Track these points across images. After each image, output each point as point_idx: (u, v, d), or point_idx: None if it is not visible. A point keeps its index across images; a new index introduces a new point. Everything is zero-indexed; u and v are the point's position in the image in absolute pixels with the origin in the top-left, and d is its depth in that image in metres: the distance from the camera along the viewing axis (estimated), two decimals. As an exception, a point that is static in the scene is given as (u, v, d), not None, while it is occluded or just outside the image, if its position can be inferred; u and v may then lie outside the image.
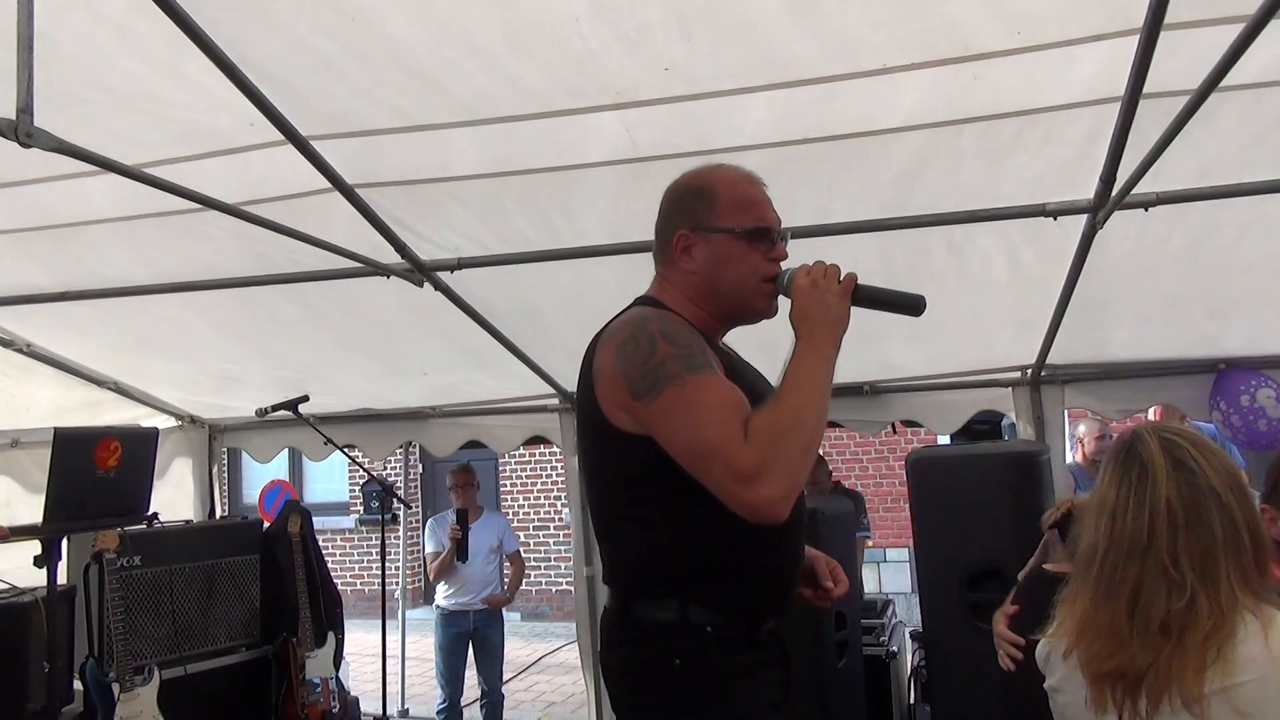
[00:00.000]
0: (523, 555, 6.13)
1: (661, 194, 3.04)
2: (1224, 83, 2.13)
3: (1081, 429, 5.44)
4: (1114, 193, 2.74)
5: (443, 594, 5.63)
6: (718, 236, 1.75)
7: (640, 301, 1.82)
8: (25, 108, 1.83)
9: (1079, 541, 1.68)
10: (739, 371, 1.75)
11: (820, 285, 1.66)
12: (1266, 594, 1.48)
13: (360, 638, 7.29)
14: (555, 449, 5.58)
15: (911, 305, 1.67)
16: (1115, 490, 1.59)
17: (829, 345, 1.62)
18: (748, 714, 1.69)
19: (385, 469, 10.15)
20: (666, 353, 1.59)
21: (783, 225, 1.83)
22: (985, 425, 5.30)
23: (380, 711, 5.07)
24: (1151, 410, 4.95)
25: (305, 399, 4.63)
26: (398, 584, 8.05)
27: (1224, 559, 1.46)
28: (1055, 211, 2.98)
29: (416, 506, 11.39)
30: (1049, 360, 4.35)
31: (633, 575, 1.74)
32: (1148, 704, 1.47)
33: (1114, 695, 1.52)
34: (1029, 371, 4.51)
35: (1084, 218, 3.03)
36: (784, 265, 1.78)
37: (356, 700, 5.05)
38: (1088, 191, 2.85)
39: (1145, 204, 2.84)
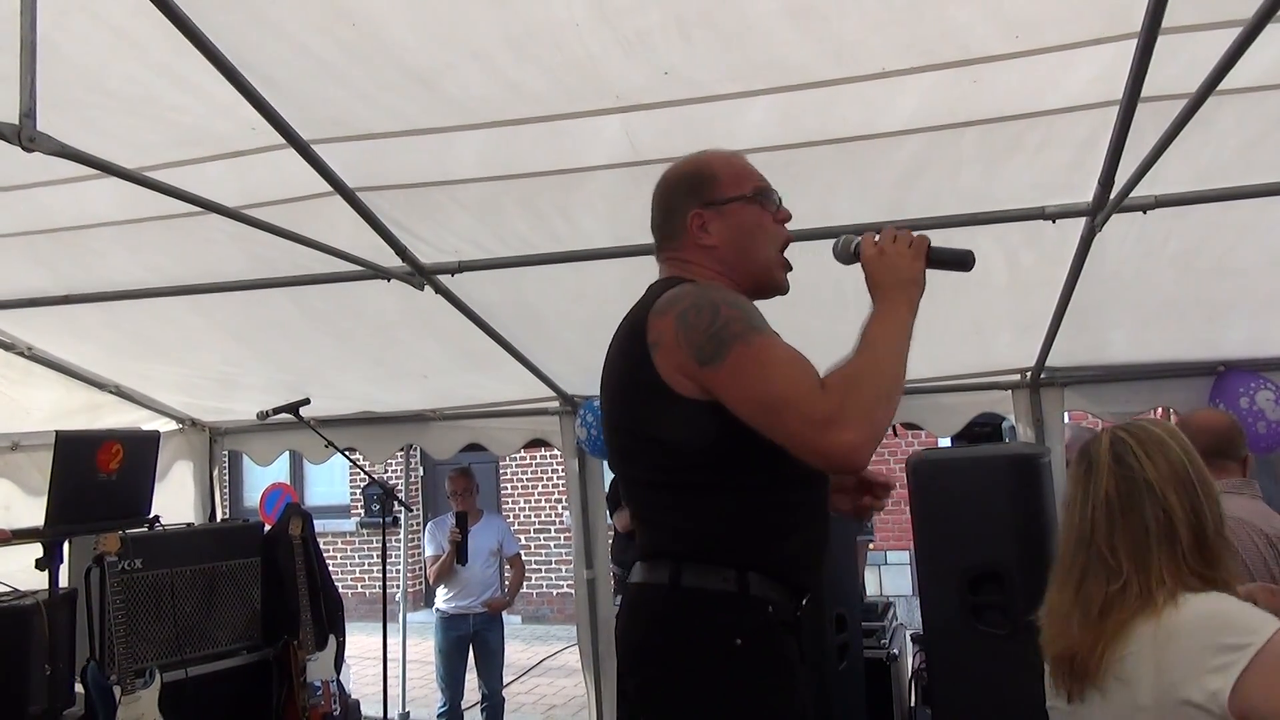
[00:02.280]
0: (523, 558, 6.13)
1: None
2: (1222, 86, 2.13)
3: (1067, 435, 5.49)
4: (1112, 196, 2.75)
5: (443, 597, 5.63)
6: (731, 206, 1.79)
7: (669, 283, 1.77)
8: (28, 112, 1.84)
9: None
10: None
11: (888, 251, 1.69)
12: (1207, 580, 1.55)
13: (361, 640, 7.30)
14: (556, 452, 5.60)
15: (964, 261, 1.71)
16: (1071, 486, 1.72)
17: (904, 307, 1.63)
18: (804, 711, 1.64)
19: (386, 472, 10.16)
20: (729, 315, 1.59)
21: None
22: (987, 428, 5.30)
23: (381, 714, 5.08)
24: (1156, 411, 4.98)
25: (306, 402, 4.64)
26: (398, 587, 8.06)
27: (1155, 548, 1.57)
28: (1054, 214, 2.99)
29: (417, 509, 11.39)
30: (1048, 363, 4.35)
31: (687, 542, 1.66)
32: (1079, 683, 1.59)
33: (1061, 676, 1.64)
34: (1028, 374, 4.51)
35: (1083, 220, 3.03)
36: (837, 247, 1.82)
37: (357, 703, 5.06)
38: (1086, 194, 2.86)
39: (1144, 207, 2.85)
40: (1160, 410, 5.04)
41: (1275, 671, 1.39)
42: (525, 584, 7.72)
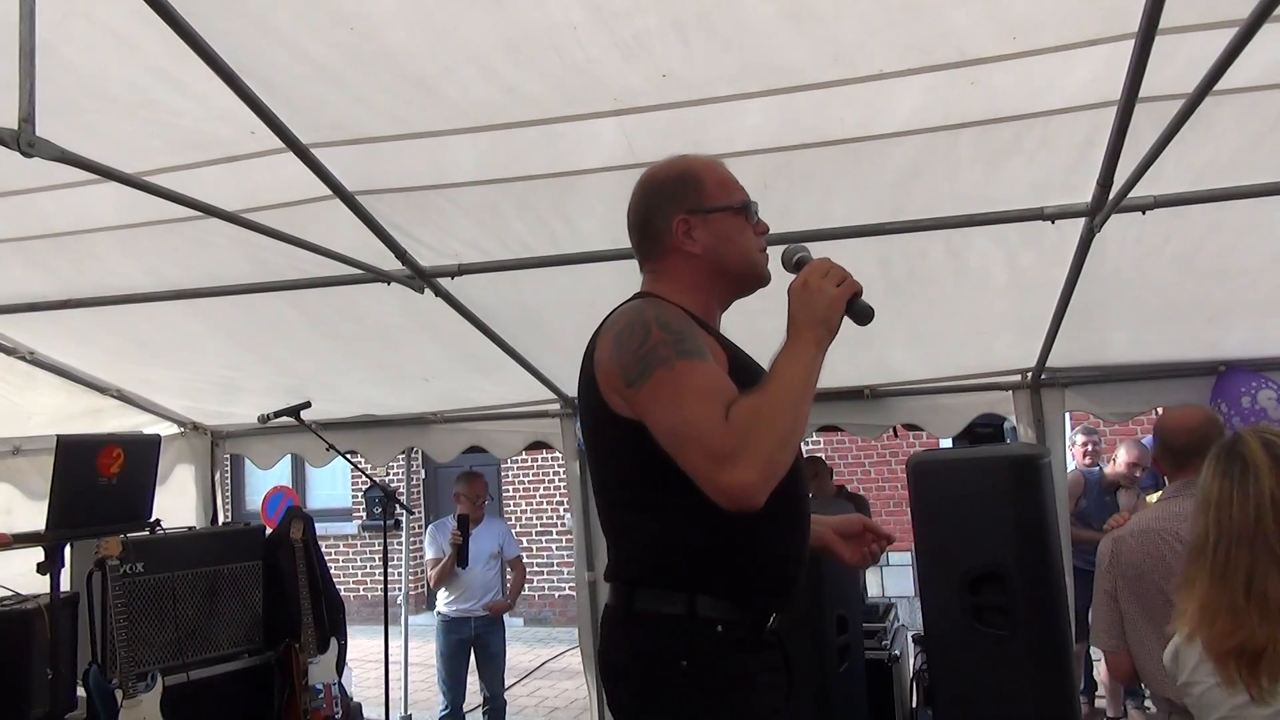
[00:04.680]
0: (524, 560, 6.13)
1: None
2: (1219, 86, 2.14)
3: (1121, 454, 5.64)
4: (1111, 196, 2.75)
5: (444, 600, 5.63)
6: (717, 215, 1.79)
7: (636, 296, 1.82)
8: (27, 117, 1.85)
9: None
10: (740, 360, 1.74)
11: (810, 287, 1.66)
12: None
13: (363, 643, 7.29)
14: (557, 454, 5.60)
15: (865, 315, 1.68)
16: (1218, 485, 1.81)
17: (811, 345, 1.62)
18: None
19: (387, 475, 10.16)
20: (659, 338, 1.60)
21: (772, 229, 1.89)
22: (988, 428, 5.31)
23: (383, 717, 5.08)
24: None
25: (307, 405, 4.64)
26: (400, 590, 8.06)
27: None
28: (1053, 215, 2.99)
29: (419, 512, 11.40)
30: (1049, 364, 4.35)
31: (639, 566, 1.70)
32: (1267, 678, 1.66)
33: (1238, 672, 1.69)
34: (1029, 375, 4.51)
35: (1082, 221, 3.03)
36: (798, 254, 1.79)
37: (359, 706, 5.06)
38: (1085, 195, 2.86)
39: (1143, 207, 2.85)
40: (1161, 410, 5.05)
41: None
42: (527, 586, 7.72)
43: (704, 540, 1.63)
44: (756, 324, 1.90)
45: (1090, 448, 6.10)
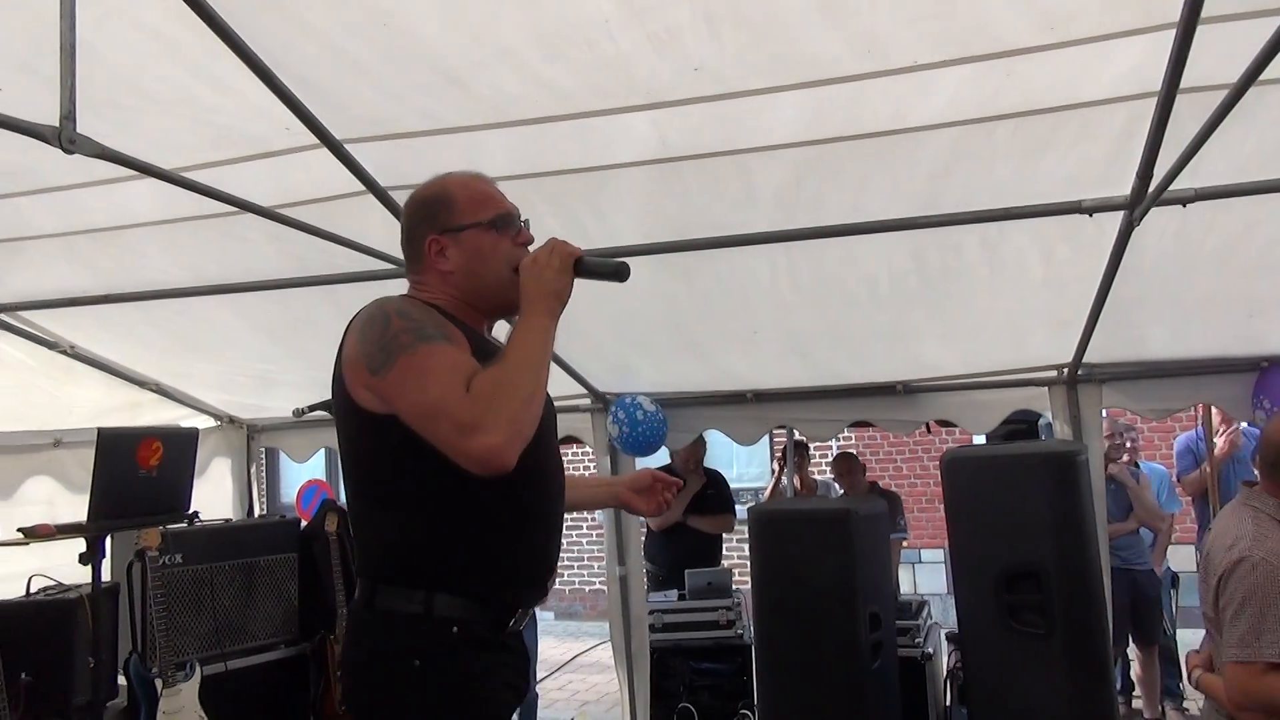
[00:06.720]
0: (556, 554, 6.14)
1: (692, 194, 3.05)
2: (1263, 76, 2.09)
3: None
4: (1151, 189, 2.70)
5: (477, 593, 5.66)
6: (467, 233, 1.84)
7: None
8: (68, 114, 1.87)
9: None
10: (485, 348, 1.80)
11: (540, 262, 1.74)
12: None
13: (396, 636, 7.36)
14: (587, 448, 5.61)
15: (617, 272, 1.76)
16: None
17: (543, 316, 1.71)
18: None
19: (420, 469, 10.22)
20: (399, 326, 1.68)
21: (523, 216, 1.93)
22: (1023, 425, 5.24)
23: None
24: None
25: (341, 399, 4.67)
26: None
27: None
28: (1091, 208, 2.94)
29: (451, 506, 11.46)
30: (1086, 359, 4.29)
31: (380, 562, 1.76)
32: None
33: None
34: (1065, 370, 4.45)
35: (1120, 214, 2.98)
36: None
37: (392, 697, 5.09)
38: (1124, 188, 2.81)
39: (1183, 200, 2.79)
40: (1200, 407, 4.97)
41: None
42: (558, 581, 7.73)
43: (445, 537, 1.71)
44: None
45: (1128, 444, 5.97)
